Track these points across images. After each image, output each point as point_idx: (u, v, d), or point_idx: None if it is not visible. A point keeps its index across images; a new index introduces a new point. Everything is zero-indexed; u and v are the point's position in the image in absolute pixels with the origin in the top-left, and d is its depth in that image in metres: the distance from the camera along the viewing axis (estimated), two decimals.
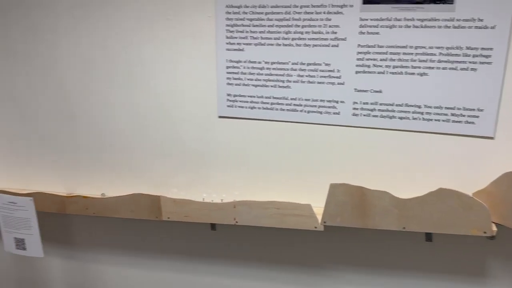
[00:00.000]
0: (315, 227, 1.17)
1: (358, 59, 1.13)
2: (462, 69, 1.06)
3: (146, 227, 1.45)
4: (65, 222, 1.52)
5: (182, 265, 1.46)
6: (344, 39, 1.13)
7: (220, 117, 1.28)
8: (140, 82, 1.30)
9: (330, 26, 1.13)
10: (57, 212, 1.39)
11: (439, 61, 1.07)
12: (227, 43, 1.21)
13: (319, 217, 1.16)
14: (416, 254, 1.25)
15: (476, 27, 1.03)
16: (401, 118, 1.14)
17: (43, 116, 1.41)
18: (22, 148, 1.47)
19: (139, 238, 1.47)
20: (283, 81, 1.20)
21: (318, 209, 1.18)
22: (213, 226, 1.33)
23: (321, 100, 1.18)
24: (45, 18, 1.32)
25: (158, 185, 1.38)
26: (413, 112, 1.13)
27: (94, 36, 1.30)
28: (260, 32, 1.18)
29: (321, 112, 1.19)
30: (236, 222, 1.24)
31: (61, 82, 1.37)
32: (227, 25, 1.19)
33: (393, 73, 1.12)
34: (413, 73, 1.10)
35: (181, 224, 1.37)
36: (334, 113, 1.18)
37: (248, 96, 1.23)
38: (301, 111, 1.20)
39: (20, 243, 1.43)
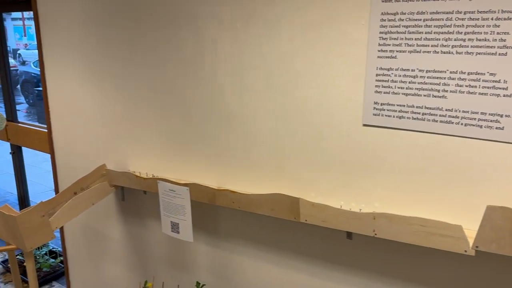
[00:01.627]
0: (465, 251, 1.08)
1: None
2: None
3: (284, 226, 1.50)
4: (213, 212, 1.67)
5: (315, 268, 1.48)
6: None
7: (364, 125, 1.26)
8: (290, 88, 1.36)
9: (498, 33, 1.03)
10: (208, 202, 1.53)
11: None
12: (379, 50, 1.19)
13: (471, 241, 1.06)
14: None
15: None
16: None
17: (204, 116, 1.57)
18: (184, 144, 1.66)
19: (277, 236, 1.54)
20: (438, 91, 1.13)
21: (469, 232, 1.08)
22: (349, 234, 1.32)
23: (482, 113, 1.08)
24: (211, 30, 1.47)
25: (298, 187, 1.42)
26: None
27: (252, 44, 1.40)
28: (416, 39, 1.13)
29: (481, 126, 1.09)
30: (375, 234, 1.20)
31: (221, 87, 1.51)
32: (381, 32, 1.17)
33: None
34: None
35: (318, 228, 1.39)
36: (496, 128, 1.07)
37: (397, 105, 1.19)
38: (457, 123, 1.11)
39: (175, 227, 1.61)
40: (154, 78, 1.66)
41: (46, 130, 2.22)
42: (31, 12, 2.06)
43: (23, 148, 2.87)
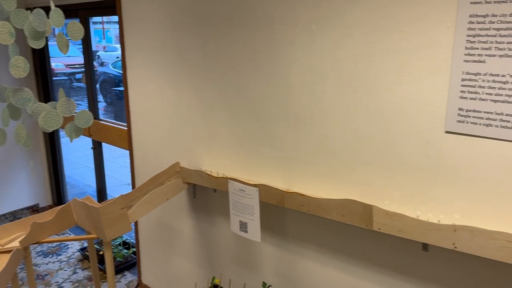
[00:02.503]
0: None
1: None
2: None
3: (355, 233, 1.47)
4: (280, 214, 1.68)
5: (385, 279, 1.43)
6: None
7: (447, 132, 1.20)
8: (366, 91, 1.33)
9: None
10: (276, 204, 1.54)
11: None
12: (465, 54, 1.13)
13: None
14: None
15: None
16: None
17: (273, 118, 1.59)
18: (253, 145, 1.68)
19: (346, 242, 1.51)
20: None
21: None
22: (425, 246, 1.26)
23: None
24: (285, 32, 1.48)
25: (370, 193, 1.38)
26: None
27: (327, 46, 1.39)
28: (508, 42, 1.06)
29: None
30: (455, 247, 1.14)
31: (291, 89, 1.51)
32: (468, 35, 1.11)
33: None
34: None
35: (391, 238, 1.34)
36: None
37: (484, 112, 1.12)
38: None
39: (243, 226, 1.64)
40: (227, 81, 1.71)
41: (125, 128, 2.35)
42: (110, 17, 2.19)
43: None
